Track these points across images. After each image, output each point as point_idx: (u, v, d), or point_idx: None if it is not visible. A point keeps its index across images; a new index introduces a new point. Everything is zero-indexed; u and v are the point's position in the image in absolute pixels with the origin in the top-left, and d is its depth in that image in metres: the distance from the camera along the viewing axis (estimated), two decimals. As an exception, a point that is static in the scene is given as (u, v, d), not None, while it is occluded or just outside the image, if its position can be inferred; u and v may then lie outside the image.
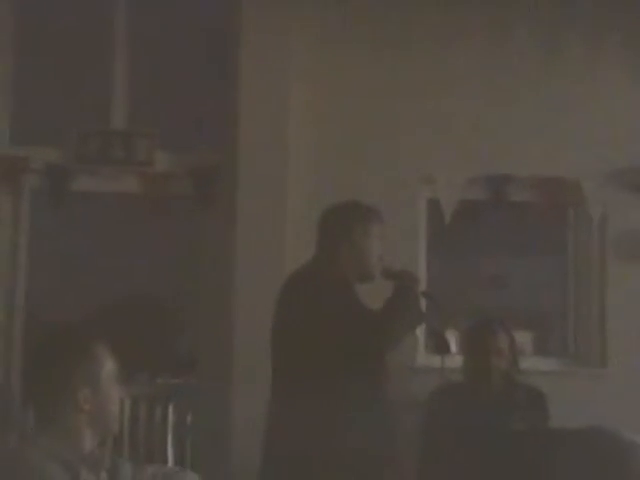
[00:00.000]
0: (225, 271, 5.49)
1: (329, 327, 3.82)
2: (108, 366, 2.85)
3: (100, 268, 6.23)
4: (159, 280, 5.98)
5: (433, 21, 5.73)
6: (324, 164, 5.56)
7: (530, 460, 4.29)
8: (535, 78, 5.77)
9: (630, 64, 5.79)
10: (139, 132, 5.63)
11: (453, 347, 5.85)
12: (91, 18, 5.74)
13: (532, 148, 5.68)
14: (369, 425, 3.88)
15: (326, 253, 4.09)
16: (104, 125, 5.67)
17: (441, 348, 5.13)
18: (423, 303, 4.25)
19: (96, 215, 6.05)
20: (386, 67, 5.71)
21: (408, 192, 5.62)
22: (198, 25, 5.77)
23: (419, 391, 5.17)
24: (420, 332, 5.56)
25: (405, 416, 4.98)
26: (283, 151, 5.51)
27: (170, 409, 5.77)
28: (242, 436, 5.15)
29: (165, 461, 5.74)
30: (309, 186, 5.39)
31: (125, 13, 5.75)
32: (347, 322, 3.84)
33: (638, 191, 5.71)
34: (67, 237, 6.02)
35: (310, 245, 4.16)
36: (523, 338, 6.19)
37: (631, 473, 2.66)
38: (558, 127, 5.73)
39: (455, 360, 5.38)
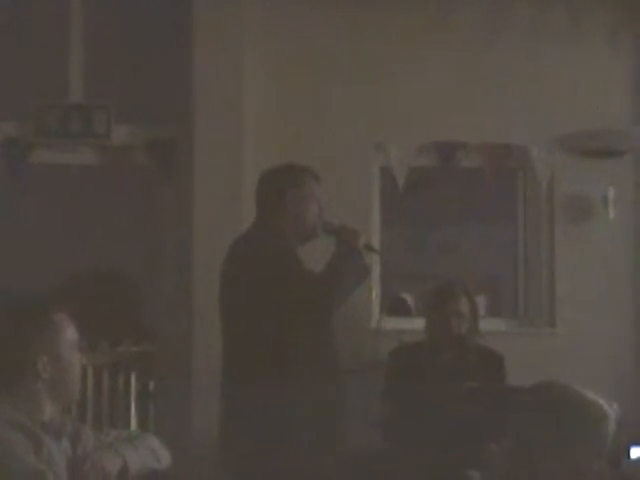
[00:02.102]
0: (183, 240, 5.54)
1: (273, 292, 3.85)
2: (68, 334, 2.86)
3: (59, 240, 6.26)
4: (118, 251, 6.02)
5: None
6: (279, 135, 5.58)
7: (485, 417, 4.42)
8: (483, 45, 5.81)
9: (575, 31, 5.84)
10: (96, 105, 5.63)
11: (410, 309, 5.99)
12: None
13: (481, 115, 5.73)
14: (318, 390, 3.91)
15: (264, 219, 4.09)
16: (62, 99, 5.66)
17: (397, 310, 5.25)
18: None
19: (55, 187, 6.07)
20: (339, 37, 5.73)
21: (361, 160, 5.69)
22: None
23: (375, 353, 5.28)
24: (375, 295, 5.67)
25: (361, 377, 5.14)
26: (238, 122, 5.52)
27: (133, 377, 5.83)
28: (203, 403, 5.21)
29: (128, 428, 5.81)
30: (264, 157, 5.41)
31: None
32: (290, 286, 3.86)
33: (584, 155, 5.74)
34: (26, 209, 6.04)
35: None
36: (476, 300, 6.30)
37: (585, 425, 2.78)
38: (506, 94, 5.78)
39: (413, 322, 5.53)
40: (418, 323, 5.29)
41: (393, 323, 5.63)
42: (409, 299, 5.99)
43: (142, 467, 2.97)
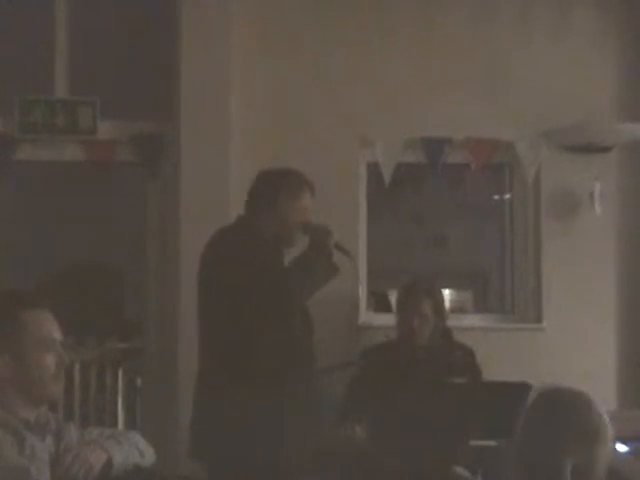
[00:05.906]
0: (170, 236, 5.53)
1: (247, 283, 3.91)
2: (36, 333, 2.84)
3: (46, 236, 6.27)
4: (105, 246, 6.03)
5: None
6: (265, 130, 5.58)
7: (464, 412, 4.42)
8: (469, 41, 5.81)
9: (559, 27, 5.85)
10: (82, 101, 5.61)
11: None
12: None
13: (467, 110, 5.72)
14: (293, 385, 3.96)
15: (250, 215, 4.15)
16: (47, 94, 5.64)
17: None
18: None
19: (41, 184, 6.08)
20: (326, 33, 5.73)
21: (348, 156, 5.68)
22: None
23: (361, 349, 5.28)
24: (362, 291, 5.67)
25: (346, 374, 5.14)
26: (225, 117, 5.51)
27: (120, 373, 5.84)
28: (190, 398, 5.21)
29: (115, 424, 5.82)
30: (251, 152, 5.43)
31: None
32: (260, 276, 3.92)
33: (570, 151, 5.77)
34: (12, 206, 6.05)
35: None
36: (463, 296, 6.34)
37: (592, 434, 2.78)
38: (492, 89, 5.78)
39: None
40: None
41: (378, 319, 5.64)
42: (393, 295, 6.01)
43: (126, 462, 2.97)
